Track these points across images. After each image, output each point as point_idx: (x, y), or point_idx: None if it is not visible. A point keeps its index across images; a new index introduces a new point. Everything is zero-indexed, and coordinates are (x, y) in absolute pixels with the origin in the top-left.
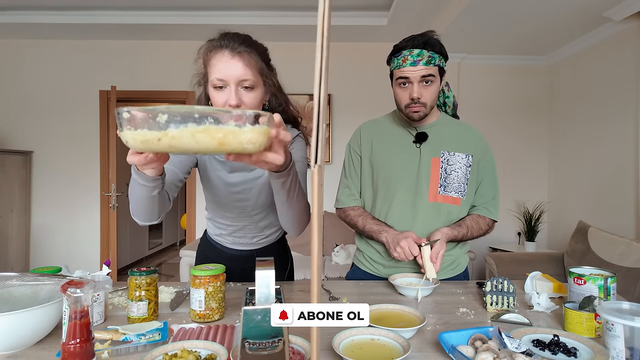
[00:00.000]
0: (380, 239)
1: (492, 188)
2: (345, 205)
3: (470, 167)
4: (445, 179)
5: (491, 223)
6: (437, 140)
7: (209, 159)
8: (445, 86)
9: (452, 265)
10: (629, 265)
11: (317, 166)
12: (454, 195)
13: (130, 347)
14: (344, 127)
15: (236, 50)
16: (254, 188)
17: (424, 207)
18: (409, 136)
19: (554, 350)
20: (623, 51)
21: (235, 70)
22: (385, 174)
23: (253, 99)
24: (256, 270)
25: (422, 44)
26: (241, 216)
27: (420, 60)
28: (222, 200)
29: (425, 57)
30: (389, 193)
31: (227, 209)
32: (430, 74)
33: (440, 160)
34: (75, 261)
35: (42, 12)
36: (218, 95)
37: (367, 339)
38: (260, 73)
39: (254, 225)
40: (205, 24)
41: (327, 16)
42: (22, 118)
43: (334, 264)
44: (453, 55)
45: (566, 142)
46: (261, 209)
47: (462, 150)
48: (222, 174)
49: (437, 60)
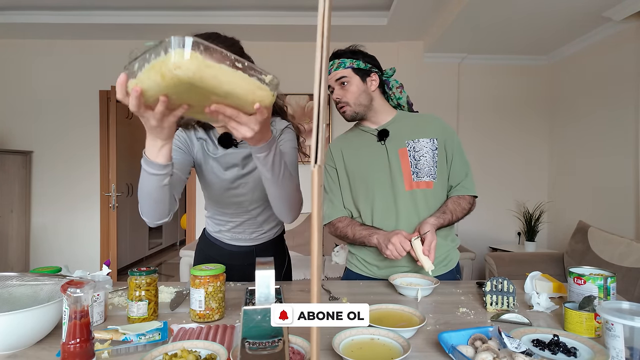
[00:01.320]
0: (372, 242)
1: (463, 165)
2: (331, 218)
3: (437, 150)
4: (416, 166)
5: (472, 200)
6: (399, 133)
7: (204, 158)
8: (398, 88)
9: (445, 261)
10: (629, 265)
11: (317, 166)
12: (426, 179)
13: (130, 347)
14: (344, 127)
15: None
16: (249, 182)
17: (402, 198)
18: (373, 137)
19: (554, 350)
20: (623, 51)
21: None
22: (361, 177)
23: None
24: (256, 270)
25: (333, 55)
26: (239, 211)
27: (332, 67)
28: (219, 196)
29: (335, 64)
30: (369, 193)
31: (225, 205)
32: (342, 76)
33: (407, 150)
34: (75, 261)
35: (42, 12)
36: None
37: (367, 338)
38: None
39: (252, 220)
40: (205, 24)
41: (327, 16)
42: (22, 118)
43: (334, 264)
44: (453, 55)
45: (566, 142)
46: (258, 203)
47: (425, 135)
48: (217, 171)
49: (349, 63)
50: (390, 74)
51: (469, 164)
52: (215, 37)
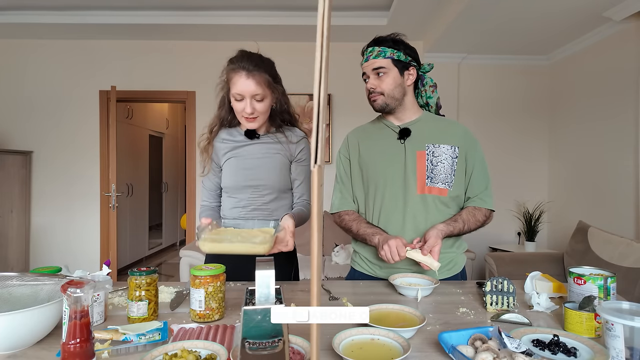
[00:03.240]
0: (373, 242)
1: (484, 178)
2: (340, 210)
3: (457, 159)
4: (432, 171)
5: (488, 213)
6: (421, 135)
7: (221, 157)
8: (431, 87)
9: (449, 265)
10: (629, 265)
11: (317, 166)
12: (440, 186)
13: (130, 347)
14: (344, 127)
15: (250, 71)
16: (262, 167)
17: (413, 200)
18: (393, 134)
19: (554, 350)
20: (623, 51)
21: (249, 87)
22: (374, 172)
23: (263, 107)
24: (256, 270)
25: (374, 42)
26: (254, 196)
27: (371, 55)
28: (237, 183)
29: (375, 51)
30: (379, 190)
31: (240, 191)
32: (381, 66)
33: (425, 153)
34: (75, 261)
35: (42, 12)
36: (238, 104)
37: (367, 338)
38: (268, 86)
39: (264, 206)
40: (205, 24)
41: (327, 16)
42: (22, 118)
43: (334, 264)
44: (453, 55)
45: (566, 142)
46: (271, 190)
47: (447, 142)
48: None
49: (389, 54)
50: (427, 69)
51: (490, 178)
52: (259, 61)
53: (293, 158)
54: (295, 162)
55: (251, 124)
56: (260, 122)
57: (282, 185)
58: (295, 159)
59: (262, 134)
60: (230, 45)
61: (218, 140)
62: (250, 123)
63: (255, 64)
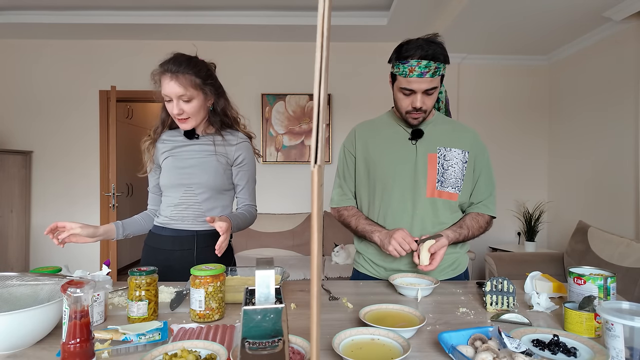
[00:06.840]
0: (373, 239)
1: (490, 184)
2: (339, 205)
3: (467, 163)
4: (442, 175)
5: (490, 220)
6: (433, 137)
7: (160, 156)
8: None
9: (453, 266)
10: (629, 265)
11: (317, 166)
12: (450, 190)
13: (130, 347)
14: (344, 127)
15: (174, 72)
16: (196, 167)
17: (421, 203)
18: (405, 133)
19: (554, 350)
20: (623, 51)
21: (173, 89)
22: (382, 172)
23: (191, 107)
24: (256, 270)
25: (431, 55)
26: (187, 195)
27: (427, 72)
28: (171, 181)
29: (432, 68)
30: (387, 190)
31: (174, 190)
32: (435, 87)
33: (437, 156)
34: (75, 261)
35: (42, 12)
36: (168, 105)
37: (367, 338)
38: (195, 87)
39: (197, 206)
40: (205, 24)
41: (327, 16)
42: (22, 118)
43: (333, 264)
44: (453, 55)
45: (566, 142)
46: (204, 189)
47: (458, 146)
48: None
49: (442, 70)
50: None
51: (495, 185)
52: (185, 64)
53: (232, 162)
54: (236, 166)
55: (184, 124)
56: (194, 123)
57: (216, 186)
58: (235, 163)
59: (201, 135)
60: (230, 45)
61: (160, 141)
62: (183, 124)
63: (180, 66)
